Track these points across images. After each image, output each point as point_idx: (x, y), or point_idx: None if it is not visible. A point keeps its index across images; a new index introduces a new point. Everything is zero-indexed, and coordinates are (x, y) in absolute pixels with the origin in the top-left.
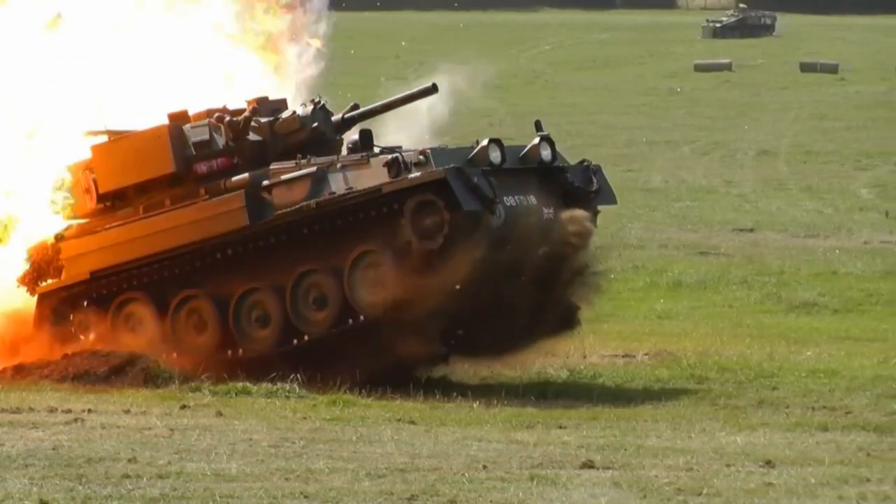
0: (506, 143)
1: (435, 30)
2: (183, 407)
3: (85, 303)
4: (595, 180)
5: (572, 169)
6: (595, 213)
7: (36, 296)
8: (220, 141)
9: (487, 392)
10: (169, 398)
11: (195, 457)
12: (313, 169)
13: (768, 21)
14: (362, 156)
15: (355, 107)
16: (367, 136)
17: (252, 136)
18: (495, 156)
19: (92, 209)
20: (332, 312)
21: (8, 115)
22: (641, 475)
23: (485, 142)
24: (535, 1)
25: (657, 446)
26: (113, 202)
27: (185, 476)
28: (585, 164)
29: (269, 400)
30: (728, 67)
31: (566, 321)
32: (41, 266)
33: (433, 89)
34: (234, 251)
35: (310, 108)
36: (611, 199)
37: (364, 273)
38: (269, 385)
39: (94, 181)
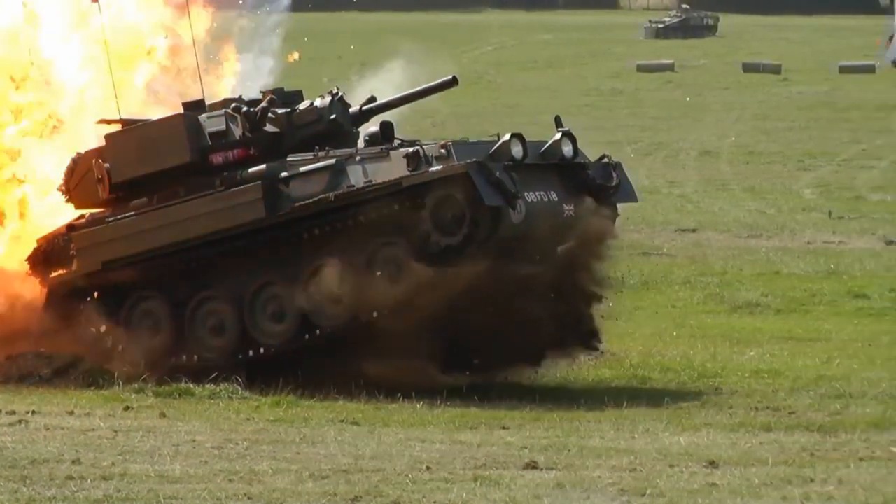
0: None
1: (377, 30)
2: (126, 408)
3: (95, 294)
4: (615, 176)
5: (593, 165)
6: (615, 211)
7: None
8: (237, 131)
9: (431, 393)
10: (112, 399)
11: (139, 458)
12: (332, 161)
13: (711, 22)
14: (382, 148)
15: (372, 99)
16: (388, 128)
17: (269, 127)
18: (517, 150)
19: (104, 199)
20: (347, 307)
21: (30, 96)
22: (585, 476)
23: (507, 136)
24: (477, 2)
25: (600, 447)
26: (126, 192)
27: (128, 477)
28: (605, 160)
29: (212, 401)
30: (671, 68)
31: (585, 341)
32: (51, 255)
33: (453, 82)
34: (250, 244)
35: (327, 99)
36: (631, 196)
37: (382, 267)
38: (213, 386)
39: (108, 170)
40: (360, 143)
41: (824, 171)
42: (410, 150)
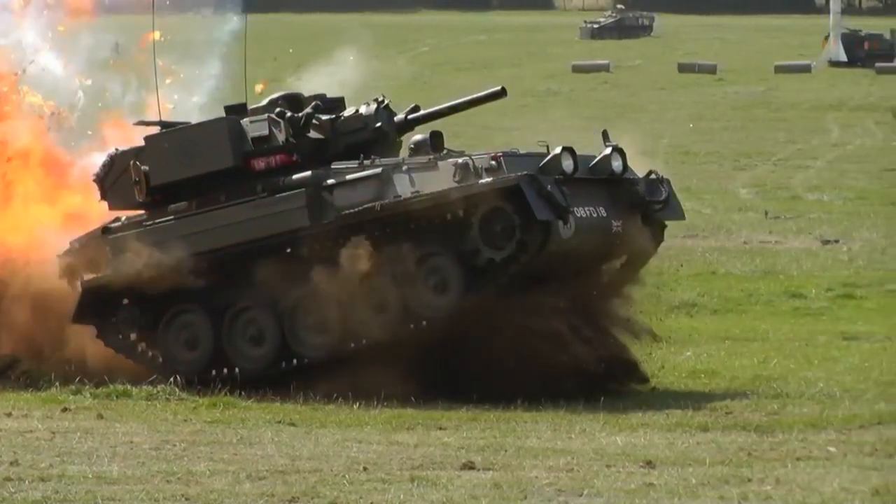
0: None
1: (312, 32)
2: (64, 410)
3: (128, 300)
4: (663, 192)
5: (641, 181)
6: (662, 228)
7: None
8: (280, 137)
9: (367, 393)
10: (50, 401)
11: (77, 459)
12: (378, 170)
13: (646, 22)
14: (430, 158)
15: (416, 108)
16: (437, 138)
17: (312, 134)
18: (568, 164)
19: (141, 201)
20: (391, 317)
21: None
22: (522, 476)
23: (557, 150)
24: (412, 2)
25: (537, 447)
26: (163, 195)
27: (66, 479)
28: (653, 176)
29: (149, 402)
30: (606, 68)
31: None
32: (85, 258)
33: (502, 93)
34: (292, 252)
35: (373, 107)
36: (678, 213)
37: (427, 278)
38: (150, 388)
39: (145, 173)
40: (405, 152)
41: (760, 170)
42: (459, 160)
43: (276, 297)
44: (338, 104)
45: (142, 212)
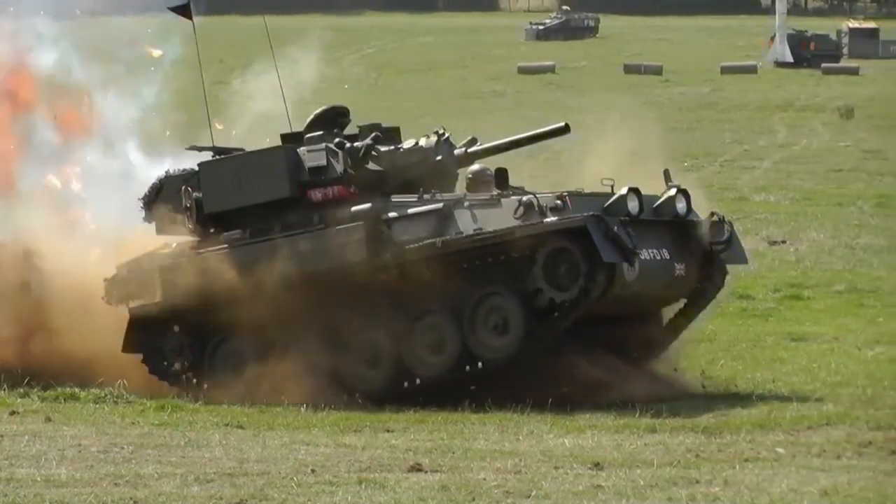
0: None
1: (258, 33)
2: (12, 413)
3: (178, 328)
4: (726, 233)
5: (705, 223)
6: (723, 272)
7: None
8: (338, 168)
9: (315, 396)
10: None
11: (25, 462)
12: (440, 205)
13: (591, 23)
14: (493, 195)
15: (474, 140)
16: (502, 176)
17: (371, 165)
18: (633, 206)
19: (191, 229)
20: (449, 356)
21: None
22: (469, 478)
23: (623, 190)
24: (357, 4)
25: (485, 449)
26: (215, 222)
27: (14, 482)
28: (716, 217)
29: (97, 405)
30: (552, 70)
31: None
32: (133, 283)
33: (565, 129)
34: (349, 286)
35: (433, 139)
36: (741, 257)
37: (487, 318)
38: (98, 391)
39: (198, 200)
40: (461, 183)
41: (707, 171)
42: (524, 198)
43: (332, 331)
44: (393, 134)
45: (189, 237)
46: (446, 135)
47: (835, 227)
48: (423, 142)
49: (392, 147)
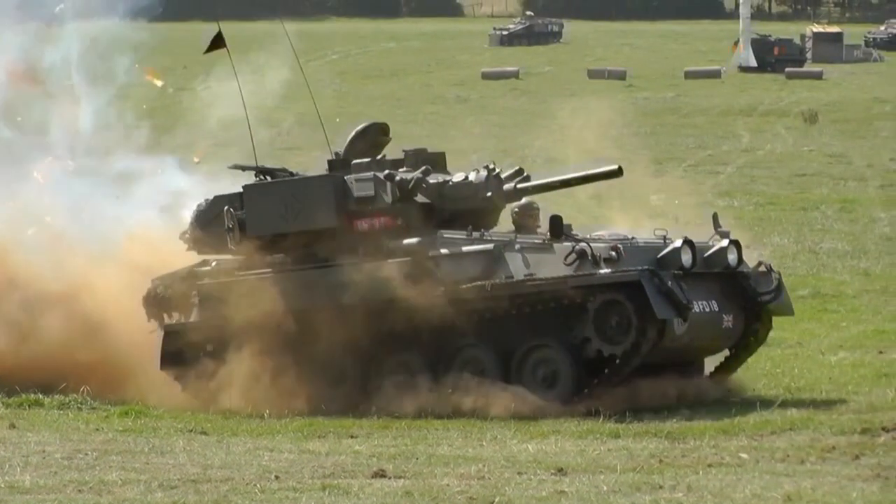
0: (293, 153)
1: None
2: None
3: (211, 347)
4: (774, 283)
5: (753, 273)
6: (769, 324)
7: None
8: (386, 198)
9: (279, 402)
10: None
11: None
12: (490, 246)
13: (555, 28)
14: (545, 240)
15: (520, 171)
16: (557, 224)
17: (419, 198)
18: (687, 259)
19: (233, 250)
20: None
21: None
22: (433, 484)
23: (677, 243)
24: (321, 10)
25: (448, 455)
26: (256, 245)
27: None
28: (764, 267)
29: (61, 412)
30: (515, 75)
31: None
32: (168, 299)
33: (618, 172)
34: (392, 321)
35: (483, 174)
36: (787, 308)
37: (535, 369)
38: (62, 397)
39: (241, 222)
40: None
41: (670, 177)
42: (577, 247)
43: (371, 357)
44: (438, 159)
45: (228, 256)
46: (497, 170)
47: (798, 232)
48: (472, 176)
49: (441, 180)
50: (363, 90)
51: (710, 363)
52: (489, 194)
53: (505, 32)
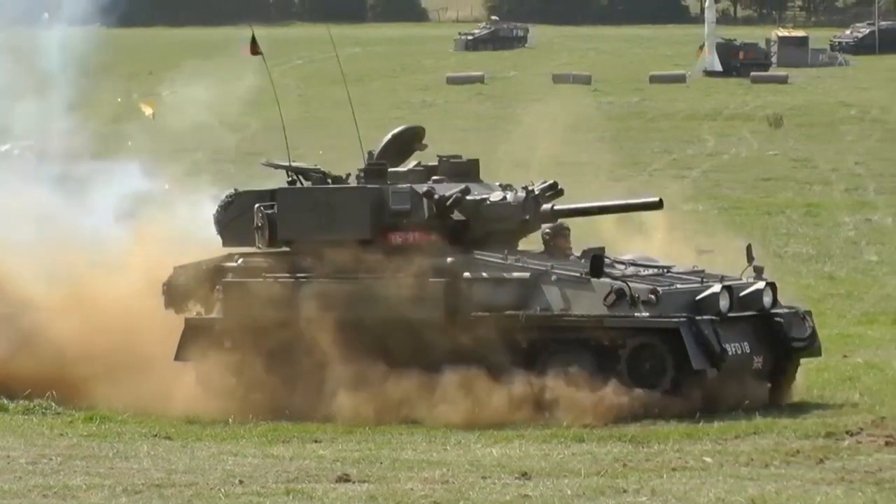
0: (258, 158)
1: (186, 45)
2: None
3: (230, 345)
4: (807, 329)
5: (787, 316)
6: (797, 367)
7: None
8: (423, 214)
9: (243, 407)
10: None
11: None
12: (526, 275)
13: (521, 33)
14: (583, 274)
15: (554, 186)
16: (598, 264)
17: (455, 215)
18: (724, 304)
19: (260, 249)
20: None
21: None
22: (397, 488)
23: (717, 287)
24: (286, 15)
25: (413, 459)
26: (286, 245)
27: None
28: (797, 311)
29: (26, 417)
30: (480, 80)
31: None
32: (189, 289)
33: (659, 205)
34: (417, 341)
35: (521, 195)
36: (816, 351)
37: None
38: (26, 402)
39: (272, 223)
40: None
41: (635, 181)
42: (615, 285)
43: (398, 370)
44: (472, 167)
45: (252, 249)
46: (535, 192)
47: (763, 236)
48: (510, 197)
49: (479, 197)
50: (328, 95)
51: None
52: (527, 217)
53: (470, 37)
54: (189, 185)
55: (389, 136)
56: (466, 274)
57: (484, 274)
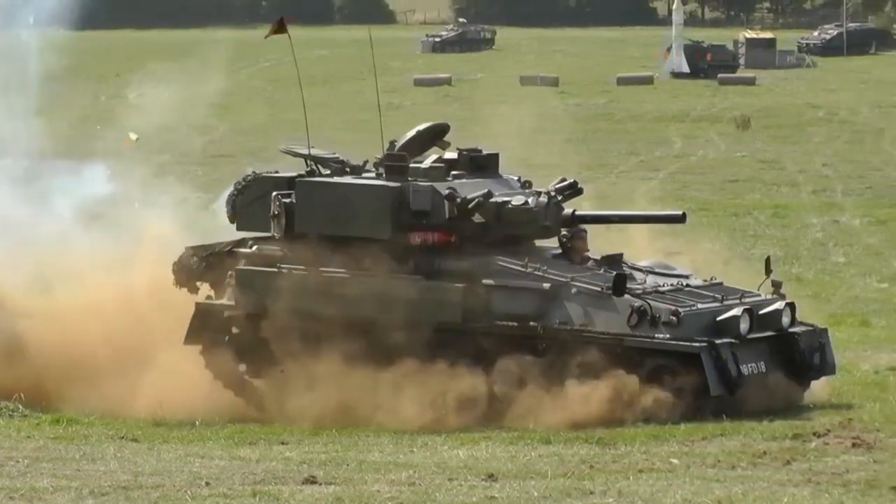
0: (226, 160)
1: (154, 47)
2: None
3: (238, 330)
4: (826, 350)
5: (803, 335)
6: (808, 385)
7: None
8: (443, 214)
9: (210, 409)
10: None
11: None
12: (546, 286)
13: (488, 35)
14: (604, 288)
15: (573, 185)
16: (621, 283)
17: (476, 217)
18: (745, 327)
19: (276, 238)
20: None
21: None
22: (364, 490)
23: (738, 311)
24: (252, 18)
25: (379, 461)
26: (302, 242)
27: None
28: (814, 329)
29: None
30: (448, 82)
31: None
32: (199, 270)
33: (682, 218)
34: (431, 344)
35: (543, 200)
36: (831, 368)
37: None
38: None
39: (290, 213)
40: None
41: (602, 183)
42: (636, 304)
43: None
44: (492, 161)
45: (265, 234)
46: (558, 198)
47: (731, 238)
48: (531, 201)
49: (500, 201)
50: (296, 97)
51: None
52: (547, 223)
53: (437, 39)
54: (156, 186)
55: (414, 131)
56: (486, 280)
57: (503, 281)
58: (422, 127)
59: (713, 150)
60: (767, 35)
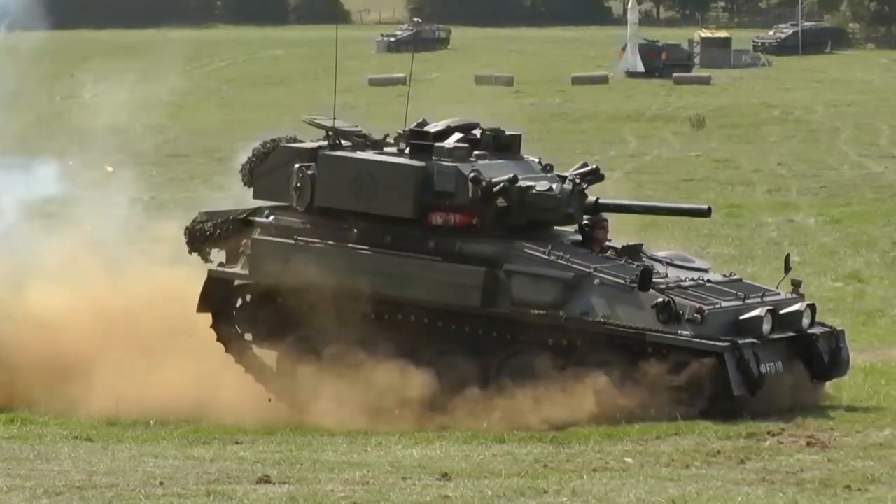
0: (180, 160)
1: (110, 47)
2: None
3: (249, 298)
4: (841, 351)
5: (822, 337)
6: (821, 385)
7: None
8: (466, 196)
9: (164, 409)
10: None
11: None
12: (569, 275)
13: (443, 35)
14: (628, 281)
15: (595, 171)
16: (647, 279)
17: (499, 200)
18: (767, 328)
19: (296, 210)
20: None
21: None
22: (318, 489)
23: (761, 311)
24: (208, 17)
25: (333, 460)
26: (322, 215)
27: None
28: (832, 331)
29: None
30: (402, 81)
31: None
32: (213, 236)
33: (707, 212)
34: (447, 327)
35: (568, 187)
36: (844, 369)
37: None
38: None
39: (313, 187)
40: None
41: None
42: (661, 300)
43: (415, 357)
44: (515, 141)
45: (282, 203)
46: (583, 186)
47: (685, 238)
48: (556, 188)
49: (525, 185)
50: (250, 97)
51: None
52: (571, 210)
53: (392, 39)
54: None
55: (444, 124)
56: (507, 266)
57: (525, 268)
58: (452, 122)
59: (668, 149)
60: (723, 34)
